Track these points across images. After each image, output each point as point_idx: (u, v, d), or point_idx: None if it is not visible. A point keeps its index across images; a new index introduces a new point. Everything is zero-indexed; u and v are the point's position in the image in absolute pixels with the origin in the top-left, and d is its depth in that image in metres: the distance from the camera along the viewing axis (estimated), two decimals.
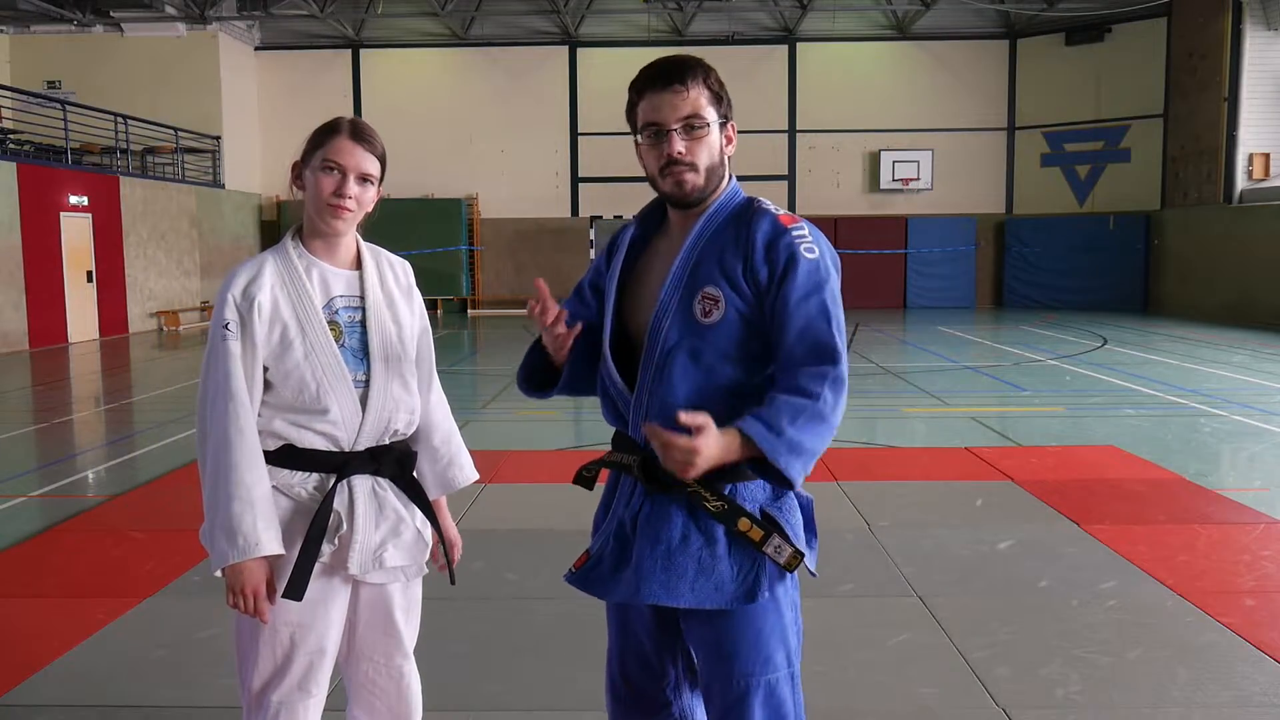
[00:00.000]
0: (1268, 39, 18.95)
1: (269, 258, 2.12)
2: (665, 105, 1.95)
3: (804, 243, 1.93)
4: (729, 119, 2.03)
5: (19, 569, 4.80)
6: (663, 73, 1.96)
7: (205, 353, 2.08)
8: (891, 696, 3.35)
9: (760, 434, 1.81)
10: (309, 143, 2.12)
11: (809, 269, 1.91)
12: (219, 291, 2.08)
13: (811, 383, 1.86)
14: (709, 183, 1.99)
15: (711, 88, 1.99)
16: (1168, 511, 5.55)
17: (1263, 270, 18.17)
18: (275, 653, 2.15)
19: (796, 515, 2.02)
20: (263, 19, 22.66)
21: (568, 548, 4.89)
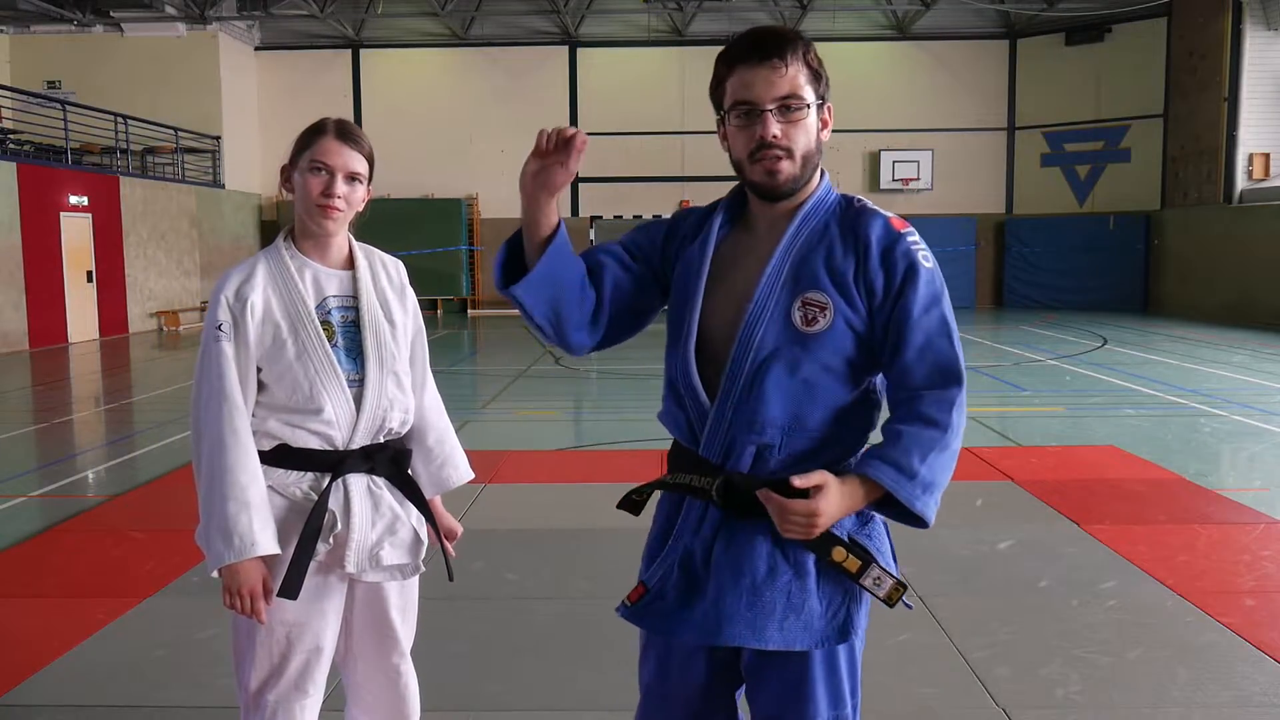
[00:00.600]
0: (1268, 39, 18.95)
1: (261, 259, 2.12)
2: (760, 82, 1.71)
3: (921, 250, 1.81)
4: (826, 100, 1.79)
5: (19, 569, 4.80)
6: (759, 44, 1.72)
7: (199, 354, 2.08)
8: (891, 696, 3.35)
9: (892, 479, 1.68)
10: (296, 145, 2.12)
11: (928, 279, 1.78)
12: (212, 293, 2.09)
13: (938, 410, 1.70)
14: (804, 172, 1.78)
15: (811, 64, 1.75)
16: (1168, 511, 5.55)
17: (1263, 270, 18.17)
18: (272, 652, 2.15)
19: (885, 542, 1.83)
20: (263, 19, 22.67)
21: (568, 548, 4.91)
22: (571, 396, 11.24)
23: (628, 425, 8.84)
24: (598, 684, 3.45)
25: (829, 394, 1.75)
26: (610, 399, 10.90)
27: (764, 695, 1.81)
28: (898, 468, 1.67)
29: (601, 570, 4.65)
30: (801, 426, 1.73)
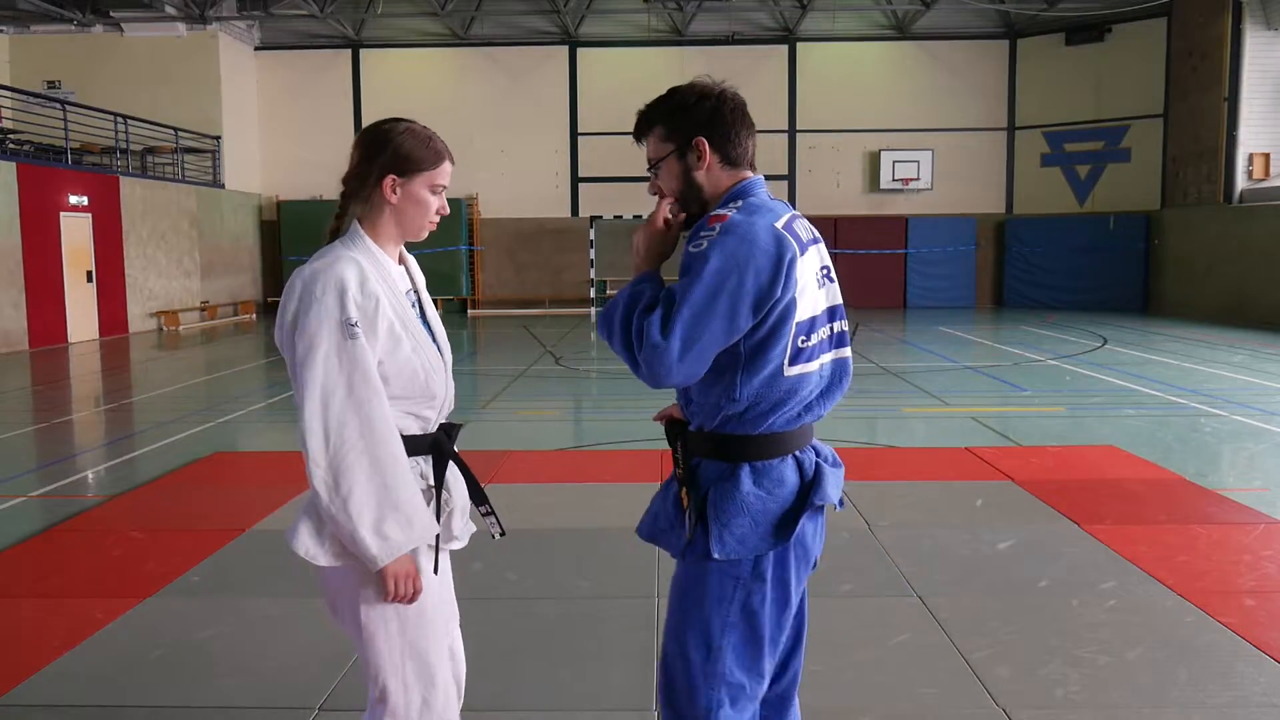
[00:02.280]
0: (1268, 39, 18.95)
1: (353, 255, 2.13)
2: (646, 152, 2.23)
3: (699, 239, 2.04)
4: (693, 137, 2.17)
5: (19, 569, 4.80)
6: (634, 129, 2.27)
7: (319, 351, 2.03)
8: (891, 696, 3.35)
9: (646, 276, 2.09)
10: (410, 160, 2.16)
11: (685, 257, 2.04)
12: (316, 288, 2.05)
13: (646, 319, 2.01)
14: (688, 206, 2.19)
15: (664, 127, 2.22)
16: (1168, 511, 5.55)
17: (1263, 270, 18.17)
18: (439, 635, 2.22)
19: (732, 506, 2.07)
20: (263, 19, 22.66)
21: (568, 548, 4.91)
22: (571, 396, 11.25)
23: (628, 425, 8.85)
24: (598, 684, 3.45)
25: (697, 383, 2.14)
26: (610, 399, 10.90)
27: None
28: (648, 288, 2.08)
29: (601, 570, 4.66)
30: (685, 392, 2.15)
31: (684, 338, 1.96)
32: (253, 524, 5.43)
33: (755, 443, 2.07)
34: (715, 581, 2.10)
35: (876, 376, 11.80)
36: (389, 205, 2.17)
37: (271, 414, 9.67)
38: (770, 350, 2.03)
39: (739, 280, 1.97)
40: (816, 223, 2.11)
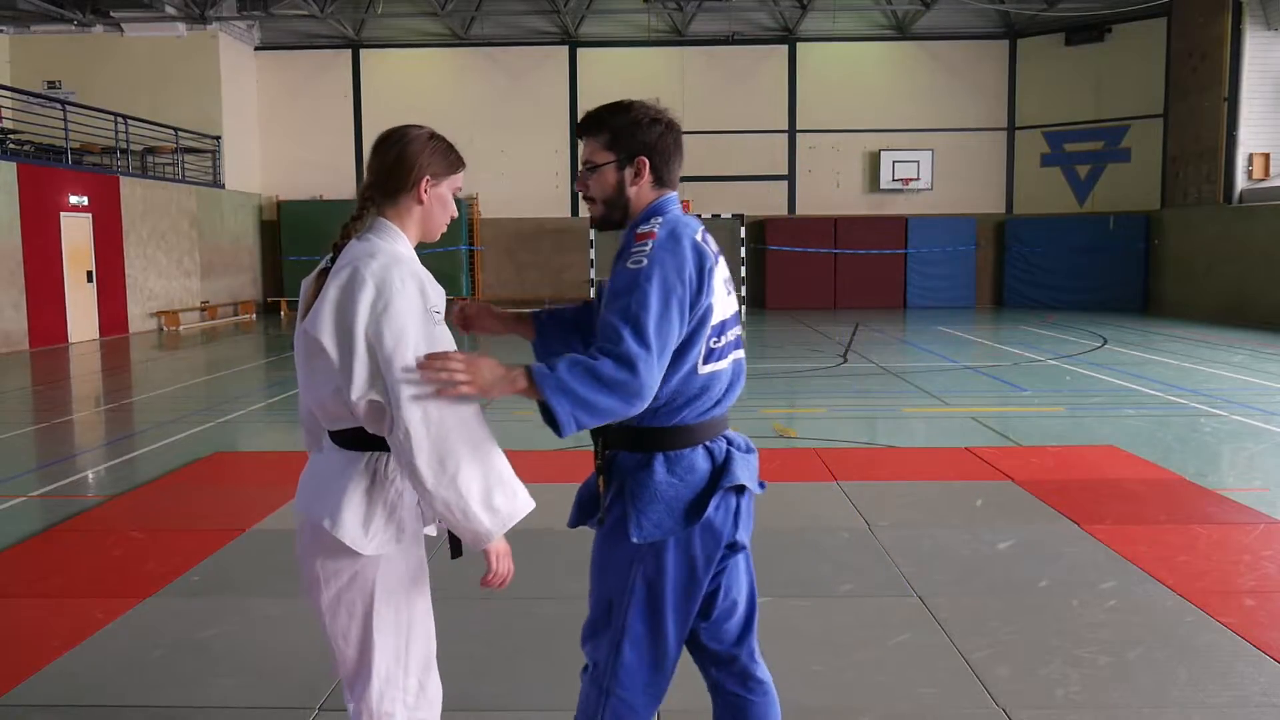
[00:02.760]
0: (1268, 39, 18.95)
1: (400, 254, 2.20)
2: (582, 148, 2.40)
3: (639, 250, 2.20)
4: (637, 155, 2.35)
5: (19, 569, 4.80)
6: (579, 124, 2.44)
7: (410, 339, 2.08)
8: (891, 696, 3.35)
9: (537, 370, 2.10)
10: (442, 163, 2.29)
11: (629, 272, 2.18)
12: (395, 280, 2.10)
13: (596, 355, 2.11)
14: (611, 212, 2.38)
15: (612, 137, 2.38)
16: (1168, 511, 5.55)
17: (1263, 270, 18.17)
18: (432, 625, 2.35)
19: (647, 493, 2.25)
20: (263, 19, 22.66)
21: (568, 548, 4.91)
22: None
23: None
24: None
25: None
26: None
27: None
28: (548, 365, 2.11)
29: None
30: None
31: (660, 345, 2.13)
32: (253, 524, 5.43)
33: (668, 434, 2.26)
34: (619, 555, 2.34)
35: (876, 376, 11.80)
36: (419, 206, 2.27)
37: (271, 414, 9.67)
38: (690, 350, 2.22)
39: (682, 288, 2.17)
40: (816, 223, 2.16)
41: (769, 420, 9.00)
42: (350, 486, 2.14)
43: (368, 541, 2.14)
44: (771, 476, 6.44)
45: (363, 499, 2.15)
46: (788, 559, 4.79)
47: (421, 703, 2.29)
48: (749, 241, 23.79)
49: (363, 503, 2.15)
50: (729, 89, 23.83)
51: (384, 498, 2.17)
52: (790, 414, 9.54)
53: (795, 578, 4.53)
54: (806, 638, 3.84)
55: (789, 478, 6.42)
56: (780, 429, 8.54)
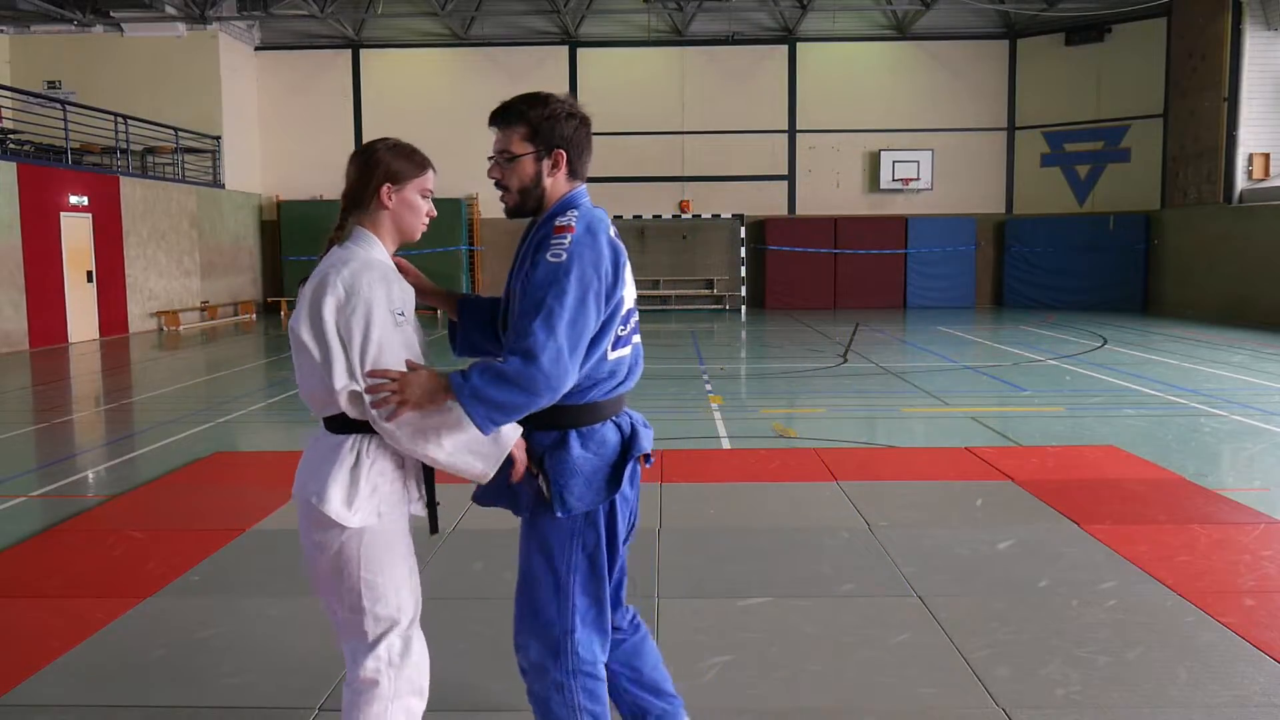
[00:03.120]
0: (1268, 39, 18.95)
1: (378, 257, 2.45)
2: (495, 139, 2.53)
3: (556, 246, 2.34)
4: (555, 148, 2.50)
5: (19, 569, 4.80)
6: (493, 114, 2.57)
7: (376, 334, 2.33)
8: (891, 696, 3.35)
9: (454, 379, 2.28)
10: (400, 168, 2.48)
11: (547, 269, 2.32)
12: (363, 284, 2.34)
13: (508, 359, 2.29)
14: (525, 202, 2.49)
15: (531, 129, 2.52)
16: (1168, 511, 5.55)
17: (1263, 270, 18.17)
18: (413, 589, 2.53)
19: (567, 467, 2.44)
20: (263, 19, 22.66)
21: None
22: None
23: None
24: None
25: None
26: None
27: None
28: (463, 373, 2.28)
29: None
30: None
31: (572, 339, 2.29)
32: (253, 524, 5.43)
33: (579, 411, 2.45)
34: (554, 535, 2.50)
35: (876, 376, 11.80)
36: (387, 211, 2.48)
37: (271, 414, 9.67)
38: (602, 338, 2.41)
39: (599, 282, 2.34)
40: (817, 223, 2.18)
41: (769, 420, 9.00)
42: (336, 467, 2.37)
43: (352, 515, 2.36)
44: (771, 476, 6.46)
45: (347, 477, 2.37)
46: (788, 559, 4.79)
47: (406, 662, 2.47)
48: (749, 241, 23.80)
49: (347, 481, 2.37)
50: (729, 89, 23.83)
51: (367, 476, 2.38)
52: (790, 414, 9.54)
53: (795, 578, 4.53)
54: (806, 638, 3.85)
55: (789, 478, 6.42)
56: (780, 429, 8.54)
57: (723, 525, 5.39)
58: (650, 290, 24.41)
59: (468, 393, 2.26)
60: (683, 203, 24.06)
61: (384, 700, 2.43)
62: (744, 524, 5.41)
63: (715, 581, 4.49)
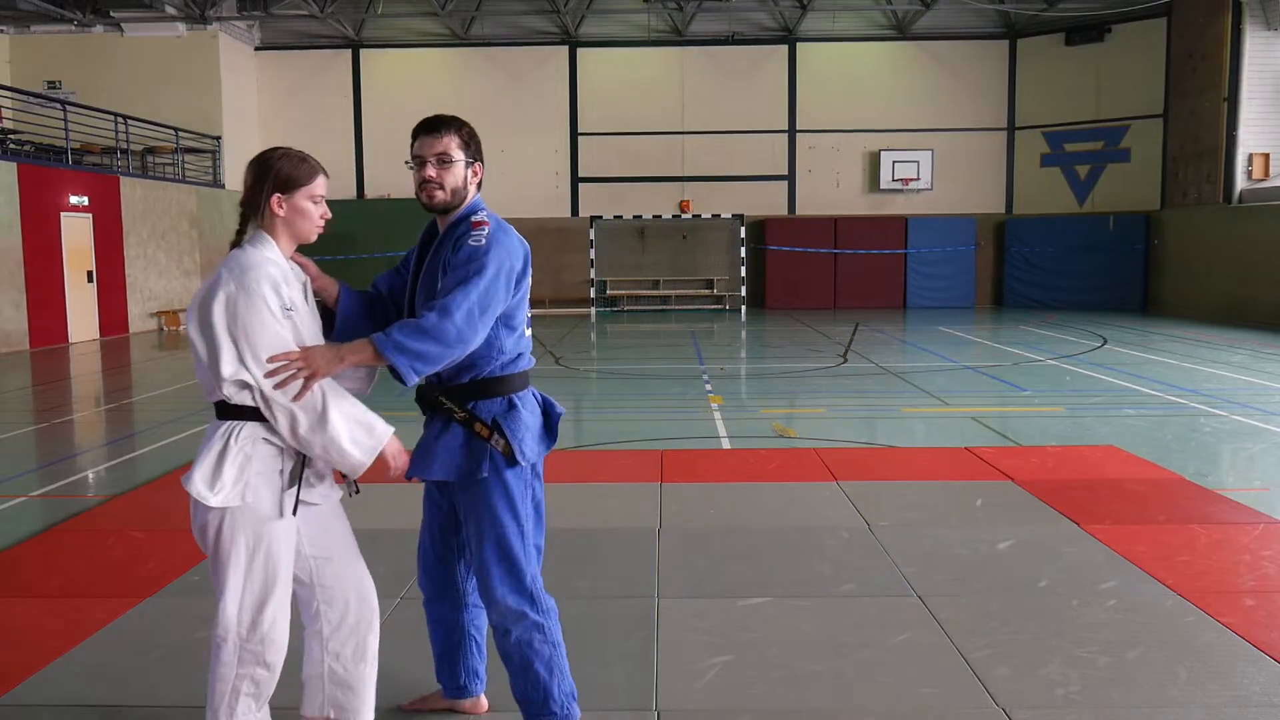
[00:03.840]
0: (1268, 39, 18.95)
1: (273, 257, 2.68)
2: (426, 144, 2.86)
3: (475, 234, 2.78)
4: (477, 161, 2.92)
5: (19, 569, 4.80)
6: (428, 123, 2.88)
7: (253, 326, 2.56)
8: (891, 696, 3.35)
9: (378, 339, 2.62)
10: (290, 179, 2.70)
11: (469, 251, 2.75)
12: (250, 281, 2.58)
13: (427, 313, 2.67)
14: (453, 200, 2.86)
15: (462, 141, 2.87)
16: (1168, 511, 5.55)
17: (1262, 270, 18.17)
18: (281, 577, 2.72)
19: (520, 424, 2.85)
20: (263, 19, 22.66)
21: (568, 548, 4.91)
22: (571, 396, 11.24)
23: (628, 425, 8.85)
24: (597, 684, 3.45)
25: None
26: (610, 399, 10.90)
27: (461, 516, 2.94)
28: (385, 332, 2.65)
29: (601, 570, 4.66)
30: None
31: (482, 305, 2.70)
32: None
33: (514, 380, 2.88)
34: (515, 486, 2.86)
35: (876, 376, 11.80)
36: (279, 218, 2.71)
37: None
38: (516, 317, 2.87)
39: (510, 267, 2.78)
40: (816, 222, 2.20)
41: (769, 420, 9.00)
42: (208, 450, 2.61)
43: (212, 496, 2.57)
44: (771, 476, 6.46)
45: (214, 461, 2.59)
46: (788, 559, 4.79)
47: (254, 637, 2.68)
48: (749, 241, 23.80)
49: (213, 464, 2.59)
50: (729, 89, 23.83)
51: (234, 461, 2.59)
52: (790, 414, 9.54)
53: (795, 578, 4.53)
54: (806, 638, 3.85)
55: (789, 478, 6.43)
56: (780, 429, 8.55)
57: (723, 525, 5.39)
58: (650, 290, 24.42)
59: (390, 346, 2.59)
60: (683, 203, 24.06)
61: (229, 665, 2.68)
62: (744, 524, 5.41)
63: (715, 581, 4.49)
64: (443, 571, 3.07)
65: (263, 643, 2.70)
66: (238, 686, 2.71)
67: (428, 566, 3.08)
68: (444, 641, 3.14)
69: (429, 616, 3.14)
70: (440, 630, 3.14)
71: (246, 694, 2.72)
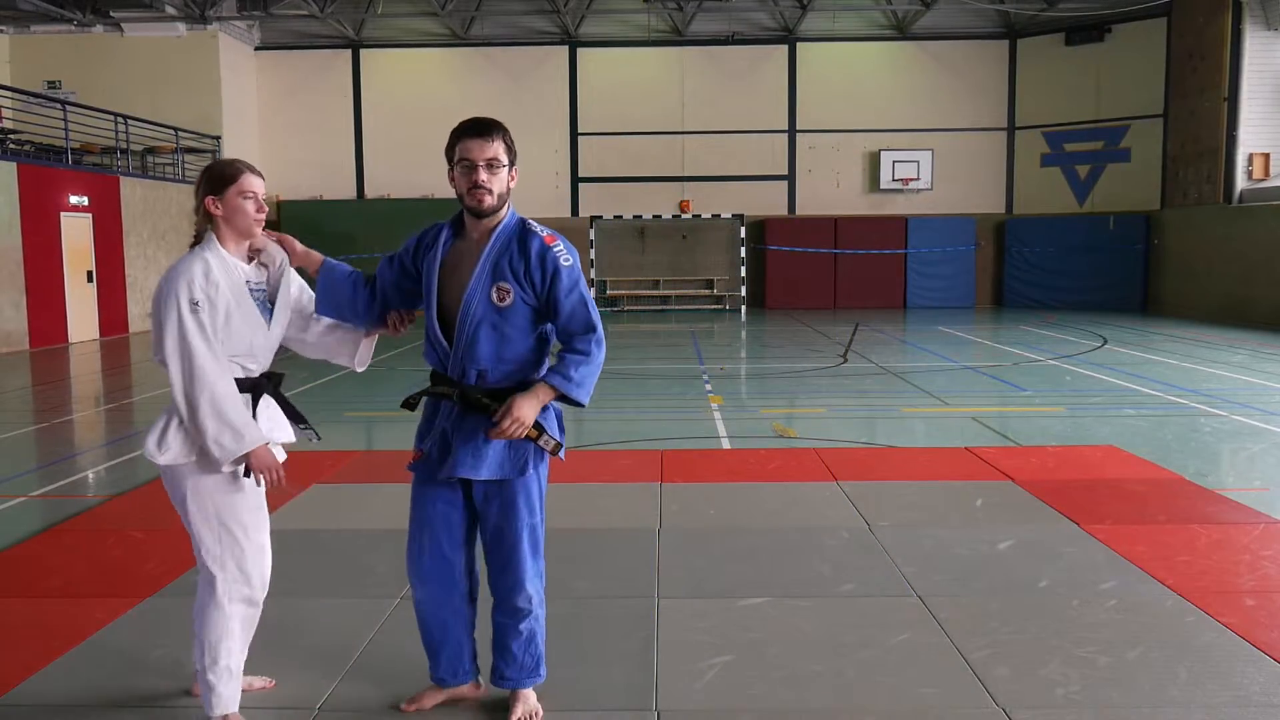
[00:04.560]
0: (1268, 39, 18.95)
1: (208, 256, 3.00)
2: (475, 148, 3.00)
3: (562, 255, 2.99)
4: (515, 164, 3.10)
5: (19, 569, 4.80)
6: (477, 126, 3.03)
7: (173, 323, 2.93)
8: (891, 696, 3.35)
9: (559, 382, 2.95)
10: (219, 179, 3.00)
11: (567, 273, 2.98)
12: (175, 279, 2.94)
13: (582, 345, 2.99)
14: (500, 201, 3.03)
15: (505, 146, 3.05)
16: (1168, 511, 5.55)
17: (1262, 270, 18.17)
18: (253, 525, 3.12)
19: (553, 420, 3.08)
20: (263, 19, 22.66)
21: (568, 548, 4.91)
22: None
23: (628, 425, 8.85)
24: (598, 684, 3.45)
25: (516, 342, 3.02)
26: (610, 399, 10.90)
27: (491, 511, 3.08)
28: (563, 376, 2.96)
29: (601, 570, 4.66)
30: (502, 360, 3.01)
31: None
32: None
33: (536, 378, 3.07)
34: (541, 479, 3.13)
35: (876, 376, 11.80)
36: (218, 218, 3.02)
37: None
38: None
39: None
40: (817, 223, 2.22)
41: (769, 420, 9.00)
42: (161, 418, 3.01)
43: (160, 455, 2.95)
44: (771, 476, 6.46)
45: (163, 425, 2.98)
46: (788, 559, 4.79)
47: (239, 577, 3.05)
48: (749, 241, 23.80)
49: (162, 428, 2.98)
50: (729, 89, 23.83)
51: (178, 425, 2.96)
52: (790, 414, 9.54)
53: (795, 578, 4.53)
54: (806, 638, 3.85)
55: (789, 478, 6.43)
56: (780, 429, 8.55)
57: (723, 525, 5.39)
58: (650, 290, 24.41)
59: (575, 387, 2.94)
60: (683, 203, 24.06)
61: (221, 607, 3.04)
62: (744, 524, 5.41)
63: (715, 581, 4.49)
64: (454, 565, 3.14)
65: (248, 583, 3.07)
66: (231, 627, 3.05)
67: (440, 562, 3.13)
68: (450, 633, 3.20)
69: (430, 613, 3.18)
70: (446, 622, 3.19)
71: (236, 633, 3.07)
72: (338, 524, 5.50)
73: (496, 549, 3.08)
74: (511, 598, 3.10)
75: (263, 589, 3.13)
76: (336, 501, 6.01)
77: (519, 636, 3.14)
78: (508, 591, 3.10)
